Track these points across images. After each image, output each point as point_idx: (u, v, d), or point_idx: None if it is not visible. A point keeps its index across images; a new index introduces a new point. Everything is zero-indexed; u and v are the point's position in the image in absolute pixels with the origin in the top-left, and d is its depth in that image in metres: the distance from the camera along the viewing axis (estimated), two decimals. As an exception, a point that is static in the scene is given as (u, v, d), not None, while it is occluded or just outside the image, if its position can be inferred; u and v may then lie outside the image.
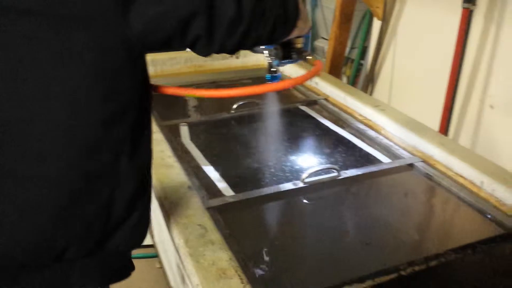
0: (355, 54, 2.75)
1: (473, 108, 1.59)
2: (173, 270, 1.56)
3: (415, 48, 1.88)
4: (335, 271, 0.94)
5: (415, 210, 1.19)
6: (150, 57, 1.99)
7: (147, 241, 2.34)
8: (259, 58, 2.16)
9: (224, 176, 1.23)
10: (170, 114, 1.59)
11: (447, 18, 1.64)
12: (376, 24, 2.05)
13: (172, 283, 1.74)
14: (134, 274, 2.23)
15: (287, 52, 1.06)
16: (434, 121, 1.68)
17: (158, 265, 2.05)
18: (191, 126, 1.53)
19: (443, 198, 1.21)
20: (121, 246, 0.80)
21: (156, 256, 1.99)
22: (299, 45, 1.06)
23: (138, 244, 0.85)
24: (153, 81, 0.83)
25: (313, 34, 3.84)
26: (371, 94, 2.14)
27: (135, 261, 0.90)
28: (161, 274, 1.96)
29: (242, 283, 0.81)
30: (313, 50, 3.83)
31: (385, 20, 1.94)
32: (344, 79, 2.70)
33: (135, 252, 2.32)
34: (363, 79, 2.21)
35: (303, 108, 1.72)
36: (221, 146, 1.44)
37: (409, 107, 1.82)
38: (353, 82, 2.36)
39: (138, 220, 0.82)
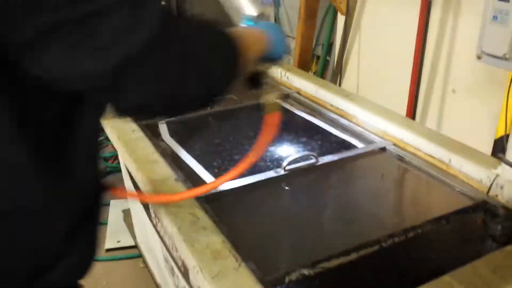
0: (320, 51, 2.84)
1: (436, 93, 1.69)
2: (160, 265, 1.58)
3: (379, 40, 1.97)
4: (321, 247, 1.00)
5: (391, 189, 1.27)
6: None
7: (129, 242, 2.34)
8: (230, 57, 2.21)
9: (207, 168, 1.27)
10: (147, 114, 1.61)
11: (408, 10, 1.73)
12: (341, 19, 2.13)
13: (158, 280, 1.76)
14: (116, 276, 2.24)
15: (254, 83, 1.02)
16: (401, 108, 1.77)
17: (141, 265, 2.06)
18: (170, 124, 1.56)
19: (415, 177, 1.29)
20: (60, 284, 0.74)
21: (139, 256, 2.01)
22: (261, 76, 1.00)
23: (80, 278, 0.80)
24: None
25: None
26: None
27: (118, 263, 0.86)
28: (146, 273, 1.97)
29: (237, 261, 0.85)
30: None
31: (348, 15, 2.03)
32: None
33: (117, 254, 2.31)
34: (330, 74, 2.29)
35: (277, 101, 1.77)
36: (201, 141, 1.47)
37: (377, 97, 1.90)
38: (321, 77, 2.45)
39: (81, 256, 0.77)
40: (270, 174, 1.24)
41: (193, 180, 1.20)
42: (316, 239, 1.04)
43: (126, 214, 2.50)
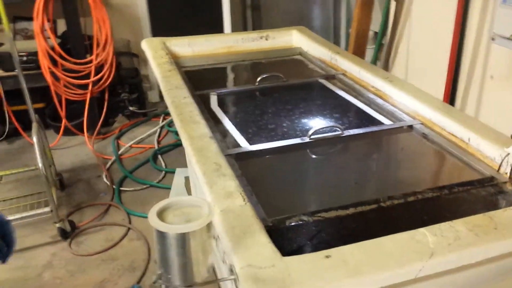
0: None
1: (476, 78, 1.71)
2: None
3: (427, 26, 2.00)
4: (326, 202, 1.13)
5: (407, 161, 1.36)
6: (187, 40, 2.23)
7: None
8: (287, 40, 2.35)
9: (243, 132, 1.44)
10: (202, 86, 1.82)
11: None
12: (393, 6, 2.18)
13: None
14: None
15: None
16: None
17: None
18: (220, 96, 1.76)
19: (434, 152, 1.37)
20: None
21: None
22: None
23: None
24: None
25: (349, 21, 3.98)
26: (389, 71, 2.28)
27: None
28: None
29: (244, 201, 1.02)
30: (349, 37, 3.97)
31: (399, 2, 2.08)
32: (378, 64, 2.84)
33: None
34: (382, 59, 2.35)
35: (322, 81, 1.89)
36: (244, 111, 1.65)
37: (423, 82, 1.96)
38: (374, 62, 2.50)
39: None
40: (296, 140, 1.38)
41: (227, 140, 1.38)
42: (323, 196, 1.18)
43: (187, 181, 2.77)
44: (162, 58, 1.98)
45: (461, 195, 1.15)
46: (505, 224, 0.94)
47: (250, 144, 1.37)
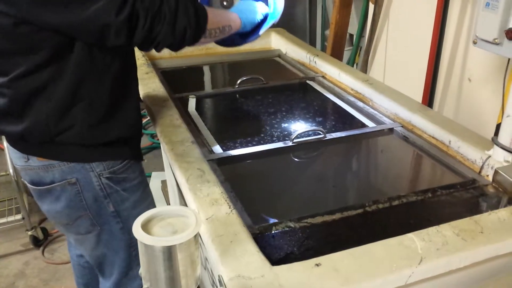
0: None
1: (454, 81, 1.74)
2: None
3: (405, 29, 2.02)
4: (311, 208, 1.12)
5: (390, 164, 1.36)
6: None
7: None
8: (266, 41, 2.34)
9: (225, 137, 1.42)
10: (181, 88, 1.78)
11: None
12: (372, 8, 2.20)
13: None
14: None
15: None
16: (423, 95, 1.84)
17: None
18: (200, 99, 1.72)
19: (415, 155, 1.37)
20: (99, 140, 1.15)
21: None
22: None
23: (124, 135, 1.20)
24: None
25: (325, 22, 3.99)
26: (367, 74, 2.29)
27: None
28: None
29: (230, 208, 1.00)
30: (325, 39, 3.99)
31: (377, 4, 2.09)
32: (355, 66, 2.86)
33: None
34: (361, 62, 2.37)
35: (302, 83, 1.89)
36: (225, 115, 1.63)
37: (401, 85, 1.97)
38: (352, 64, 2.52)
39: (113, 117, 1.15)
40: (279, 144, 1.37)
41: (209, 145, 1.36)
42: (309, 201, 1.17)
43: (164, 184, 2.72)
44: (138, 59, 1.93)
45: (445, 198, 1.15)
46: (490, 228, 0.95)
47: (233, 148, 1.34)
